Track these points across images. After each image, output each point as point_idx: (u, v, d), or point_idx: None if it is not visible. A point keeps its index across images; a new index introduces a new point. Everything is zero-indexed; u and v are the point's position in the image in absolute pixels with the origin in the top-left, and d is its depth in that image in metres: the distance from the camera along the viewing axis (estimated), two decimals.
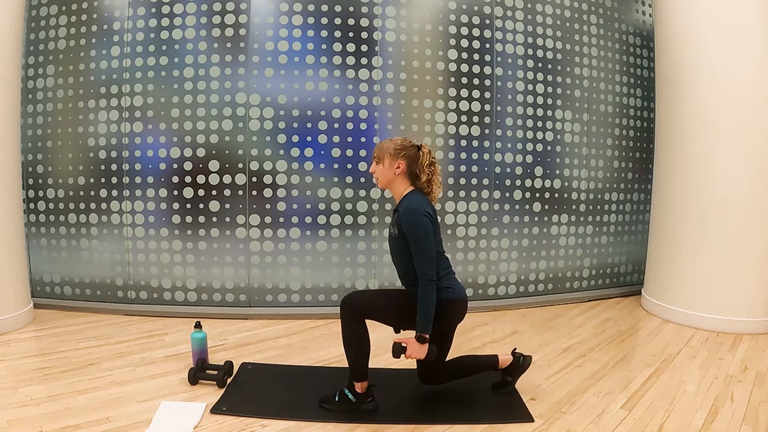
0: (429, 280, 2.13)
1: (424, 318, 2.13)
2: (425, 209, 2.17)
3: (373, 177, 2.34)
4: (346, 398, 2.30)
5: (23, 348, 2.99)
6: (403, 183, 2.27)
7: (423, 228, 2.14)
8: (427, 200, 2.26)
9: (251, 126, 3.57)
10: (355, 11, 3.62)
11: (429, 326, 2.14)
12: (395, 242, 2.26)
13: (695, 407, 2.38)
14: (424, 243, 2.14)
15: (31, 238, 3.74)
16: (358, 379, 2.28)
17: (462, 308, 2.32)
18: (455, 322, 2.36)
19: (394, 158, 2.24)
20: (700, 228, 3.54)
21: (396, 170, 2.25)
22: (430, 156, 2.28)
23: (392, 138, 2.33)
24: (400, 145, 2.26)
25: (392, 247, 2.33)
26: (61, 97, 3.64)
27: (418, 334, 2.14)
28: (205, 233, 3.61)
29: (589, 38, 4.13)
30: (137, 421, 2.17)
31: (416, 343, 2.15)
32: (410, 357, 2.17)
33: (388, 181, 2.28)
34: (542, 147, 4.02)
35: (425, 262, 2.14)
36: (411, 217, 2.15)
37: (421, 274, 2.14)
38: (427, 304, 2.13)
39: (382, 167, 2.27)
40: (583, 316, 3.84)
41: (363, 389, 2.30)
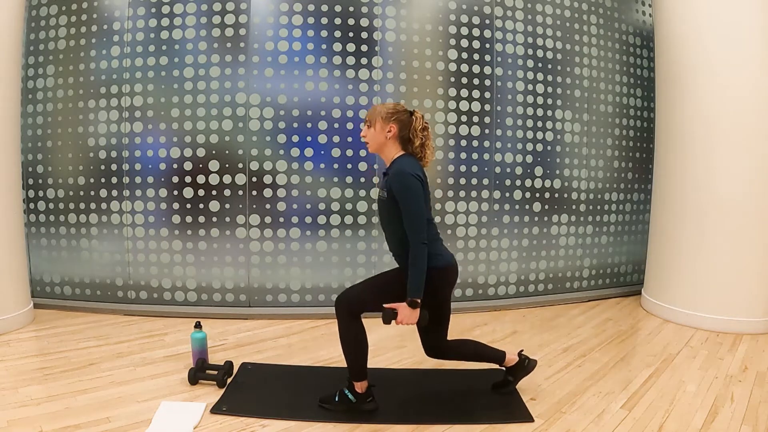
0: (420, 243, 2.09)
1: (415, 282, 2.09)
2: (415, 171, 2.14)
3: (364, 141, 2.29)
4: (346, 398, 2.30)
5: (23, 348, 2.99)
6: (394, 147, 2.24)
7: (413, 189, 2.11)
8: (417, 164, 2.23)
9: (251, 126, 3.57)
10: (355, 11, 3.62)
11: (420, 290, 2.10)
12: (385, 206, 2.22)
13: (695, 407, 2.38)
14: (414, 204, 2.10)
15: (31, 238, 3.74)
16: (358, 378, 2.28)
17: (453, 274, 2.29)
18: (448, 290, 2.32)
19: (385, 122, 2.21)
20: (700, 228, 3.54)
21: (387, 134, 2.21)
22: (423, 121, 2.25)
23: (385, 102, 2.31)
24: (393, 109, 2.23)
25: (381, 212, 2.29)
26: (61, 97, 3.64)
27: (409, 298, 2.10)
28: (205, 233, 3.61)
29: (589, 38, 4.13)
30: (137, 421, 2.17)
31: (407, 308, 2.10)
32: (401, 323, 2.11)
33: (378, 145, 2.25)
34: (542, 147, 4.02)
35: (416, 225, 2.10)
36: (401, 179, 2.12)
37: (412, 237, 2.10)
38: (419, 267, 2.09)
39: (373, 131, 2.23)
40: (583, 316, 3.84)
41: (363, 389, 2.30)
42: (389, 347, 3.12)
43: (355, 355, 2.25)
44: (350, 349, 2.25)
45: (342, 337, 2.25)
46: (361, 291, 2.30)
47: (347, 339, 2.24)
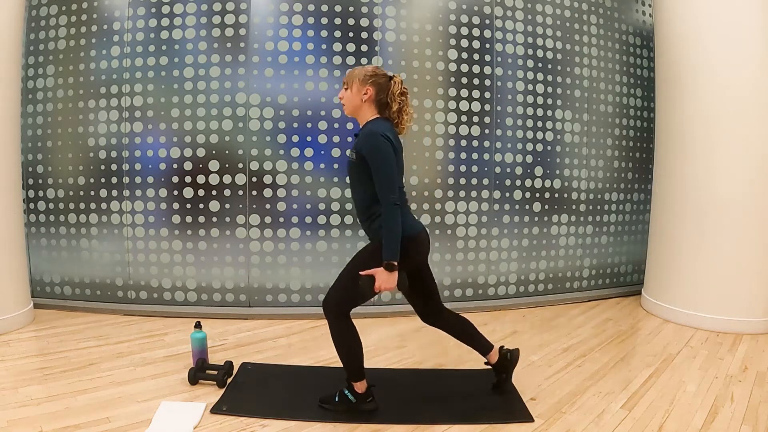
0: (392, 205, 2.05)
1: (390, 244, 2.04)
2: (385, 133, 2.11)
3: (341, 103, 2.27)
4: (346, 398, 2.30)
5: (23, 348, 2.99)
6: (370, 111, 2.21)
7: (383, 150, 2.07)
8: (390, 127, 2.20)
9: (251, 126, 3.57)
10: (355, 11, 3.62)
11: (396, 252, 2.04)
12: (354, 168, 2.18)
13: (695, 407, 2.38)
14: (384, 165, 2.07)
15: (31, 238, 3.74)
16: (356, 378, 2.28)
17: (425, 240, 2.25)
18: (423, 256, 2.28)
19: (362, 84, 2.18)
20: (700, 228, 3.54)
21: (363, 96, 2.18)
22: (402, 86, 2.21)
23: (364, 65, 2.28)
24: (371, 72, 2.20)
25: (351, 175, 2.24)
26: (61, 97, 3.64)
27: (385, 261, 2.05)
28: (205, 233, 3.61)
29: (589, 38, 4.13)
30: (137, 421, 2.17)
31: (384, 272, 2.05)
32: (380, 289, 2.06)
33: (354, 108, 2.22)
34: (542, 147, 4.02)
35: (386, 186, 2.06)
36: (370, 139, 2.09)
37: (383, 198, 2.06)
38: (392, 229, 2.05)
39: (349, 92, 2.20)
40: (583, 316, 3.84)
41: (362, 389, 2.29)
42: (389, 347, 3.12)
43: (349, 355, 2.24)
44: (344, 351, 2.24)
45: (335, 340, 2.24)
46: (344, 287, 2.23)
47: (340, 341, 2.23)
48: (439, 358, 2.96)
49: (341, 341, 2.23)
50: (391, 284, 2.07)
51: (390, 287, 2.08)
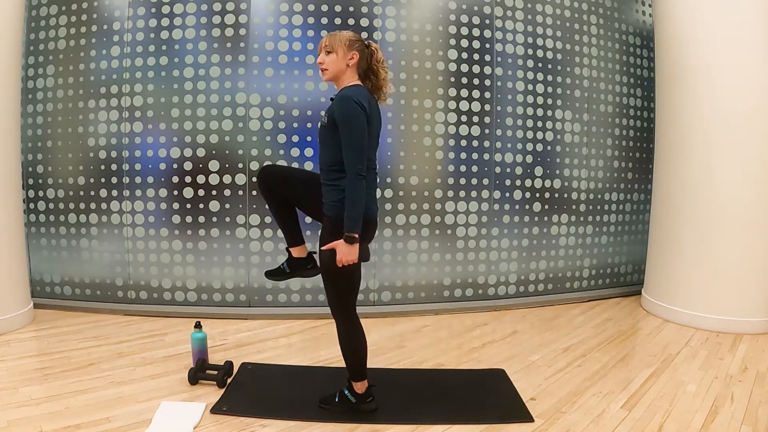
0: (357, 175, 1.98)
1: (352, 215, 1.97)
2: (360, 100, 2.03)
3: (320, 69, 2.16)
4: (346, 399, 2.30)
5: (23, 348, 2.99)
6: (352, 76, 2.15)
7: (355, 117, 2.00)
8: (368, 95, 2.13)
9: (251, 126, 3.57)
10: (355, 11, 3.62)
11: (358, 224, 1.98)
12: (324, 132, 2.11)
13: (695, 407, 2.38)
14: (354, 132, 2.00)
15: (31, 238, 3.74)
16: (357, 378, 2.27)
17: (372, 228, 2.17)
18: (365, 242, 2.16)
19: (349, 48, 2.12)
20: (700, 228, 3.54)
21: (349, 61, 2.12)
22: (380, 53, 2.19)
23: (341, 30, 2.21)
24: (355, 37, 2.15)
25: (322, 140, 2.16)
26: (61, 97, 3.64)
27: (346, 233, 1.98)
28: (205, 233, 3.61)
29: (589, 38, 4.12)
30: (137, 421, 2.17)
31: (345, 244, 1.98)
32: (342, 262, 1.99)
33: (338, 72, 2.13)
34: (542, 147, 4.02)
35: (354, 155, 1.99)
36: (344, 105, 2.02)
37: (350, 167, 1.99)
38: (355, 199, 1.97)
39: (334, 57, 2.11)
40: (583, 316, 3.84)
41: (363, 389, 2.29)
42: (389, 347, 3.12)
43: (353, 355, 2.24)
44: (348, 351, 2.24)
45: (341, 338, 2.24)
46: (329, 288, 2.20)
47: (345, 342, 2.23)
48: (439, 358, 2.96)
49: (346, 342, 2.23)
50: (353, 257, 2.00)
51: (351, 260, 2.01)
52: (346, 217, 1.99)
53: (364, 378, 2.29)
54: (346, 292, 2.20)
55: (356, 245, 2.00)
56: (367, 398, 2.31)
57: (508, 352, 3.07)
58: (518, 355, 3.02)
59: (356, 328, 2.23)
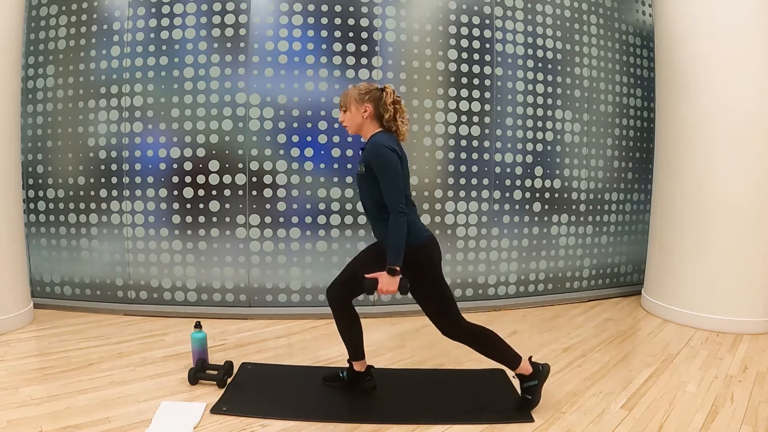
0: (399, 212, 2.12)
1: (394, 249, 2.11)
2: (390, 145, 2.18)
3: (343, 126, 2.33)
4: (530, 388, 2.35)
5: (23, 348, 2.99)
6: (372, 126, 2.28)
7: (389, 160, 2.14)
8: (394, 138, 2.27)
9: (251, 126, 3.57)
10: (355, 11, 3.62)
11: (399, 258, 2.11)
12: (363, 180, 2.25)
13: (695, 407, 2.38)
14: (391, 174, 2.13)
15: (31, 238, 3.74)
16: (517, 364, 2.34)
17: (434, 248, 2.27)
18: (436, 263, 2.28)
19: (360, 102, 2.25)
20: (700, 228, 3.54)
21: (364, 114, 2.25)
22: (394, 95, 2.27)
23: (356, 84, 2.34)
24: (365, 90, 2.27)
25: (360, 187, 2.31)
26: (61, 97, 3.64)
27: (388, 266, 2.11)
28: (205, 233, 3.61)
29: (589, 38, 4.13)
30: (137, 421, 2.17)
31: (386, 276, 2.11)
32: (382, 291, 2.12)
33: (357, 126, 2.29)
34: (542, 147, 4.02)
35: (393, 194, 2.13)
36: (376, 151, 2.16)
37: (391, 206, 2.12)
38: (397, 235, 2.11)
39: (349, 114, 2.27)
40: (583, 316, 3.84)
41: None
42: (389, 347, 3.12)
43: (499, 351, 2.34)
44: (493, 351, 2.34)
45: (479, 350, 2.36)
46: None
47: (482, 347, 2.34)
48: (439, 358, 2.96)
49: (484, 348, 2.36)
50: (392, 288, 2.12)
51: (391, 290, 2.13)
52: (389, 252, 2.13)
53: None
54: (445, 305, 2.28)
55: (397, 277, 2.12)
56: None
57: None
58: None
59: (477, 330, 2.32)
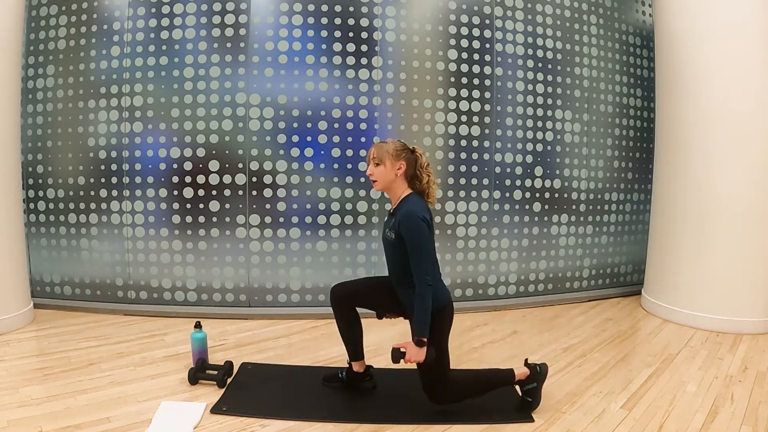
0: (426, 285, 2.12)
1: (422, 321, 2.11)
2: (424, 215, 2.16)
3: (371, 179, 2.28)
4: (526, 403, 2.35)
5: (23, 348, 2.99)
6: (402, 185, 2.27)
7: (422, 233, 2.13)
8: (425, 205, 2.26)
9: (251, 126, 3.57)
10: (355, 11, 3.62)
11: (426, 329, 2.12)
12: (392, 246, 2.25)
13: (695, 407, 2.38)
14: (422, 248, 2.13)
15: (31, 238, 3.74)
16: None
17: (450, 313, 2.32)
18: (447, 328, 2.32)
19: (396, 159, 2.23)
20: (700, 228, 3.54)
21: (398, 171, 2.23)
22: (424, 157, 2.29)
23: (386, 140, 2.31)
24: (401, 146, 2.26)
25: (388, 251, 2.31)
26: (61, 97, 3.64)
27: (416, 337, 2.12)
28: (205, 233, 3.61)
29: (589, 38, 4.12)
30: (137, 421, 2.17)
31: (414, 346, 2.13)
32: (409, 361, 2.15)
33: (388, 183, 2.26)
34: (542, 147, 4.02)
35: (423, 267, 2.12)
36: (410, 223, 2.13)
37: (419, 279, 2.12)
38: (425, 307, 2.11)
39: (383, 168, 2.23)
40: (583, 316, 3.84)
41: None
42: (389, 347, 3.11)
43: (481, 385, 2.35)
44: (477, 390, 2.34)
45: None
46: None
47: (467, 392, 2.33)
48: None
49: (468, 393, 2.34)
50: (420, 357, 2.14)
51: (419, 359, 2.14)
52: (415, 323, 2.13)
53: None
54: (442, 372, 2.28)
55: (425, 348, 2.13)
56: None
57: (508, 352, 3.07)
58: (518, 355, 3.02)
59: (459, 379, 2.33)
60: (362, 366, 2.55)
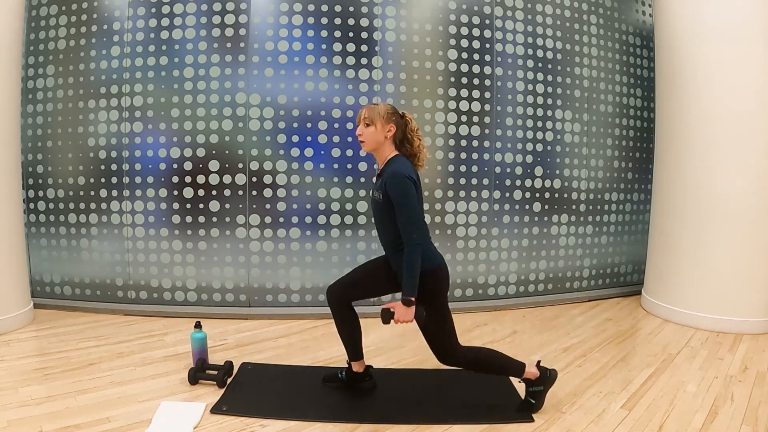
0: (415, 244, 2.11)
1: (410, 280, 2.11)
2: (410, 174, 2.17)
3: (360, 140, 2.28)
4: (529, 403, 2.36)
5: (23, 348, 2.99)
6: (390, 147, 2.27)
7: (409, 192, 2.13)
8: (411, 165, 2.26)
9: (251, 126, 3.57)
10: (355, 11, 3.62)
11: (414, 288, 2.11)
12: (380, 207, 2.25)
13: (695, 407, 2.38)
14: (409, 206, 2.13)
15: (31, 238, 3.74)
16: (520, 372, 2.35)
17: (445, 274, 2.28)
18: (444, 290, 2.30)
19: (386, 121, 2.23)
20: (700, 228, 3.54)
21: (387, 133, 2.24)
22: (414, 122, 2.31)
23: (378, 102, 2.34)
24: (392, 110, 2.27)
25: (376, 213, 2.32)
26: (61, 97, 3.64)
27: (404, 297, 2.12)
28: (205, 233, 3.61)
29: (589, 38, 4.12)
30: (137, 421, 2.17)
31: (402, 306, 2.12)
32: (399, 321, 2.14)
33: (377, 144, 2.26)
34: (542, 147, 4.02)
35: (411, 226, 2.12)
36: (396, 182, 2.13)
37: (407, 238, 2.12)
38: (413, 266, 2.11)
39: (372, 129, 2.23)
40: (583, 316, 3.84)
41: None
42: (389, 347, 3.12)
43: (495, 364, 2.35)
44: (489, 366, 2.35)
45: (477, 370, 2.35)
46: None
47: (479, 366, 2.34)
48: None
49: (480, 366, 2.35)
50: (409, 317, 2.13)
51: (407, 320, 2.13)
52: (403, 283, 2.12)
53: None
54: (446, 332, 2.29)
55: (413, 307, 2.12)
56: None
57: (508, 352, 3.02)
58: (518, 355, 2.99)
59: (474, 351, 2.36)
60: (362, 366, 2.55)
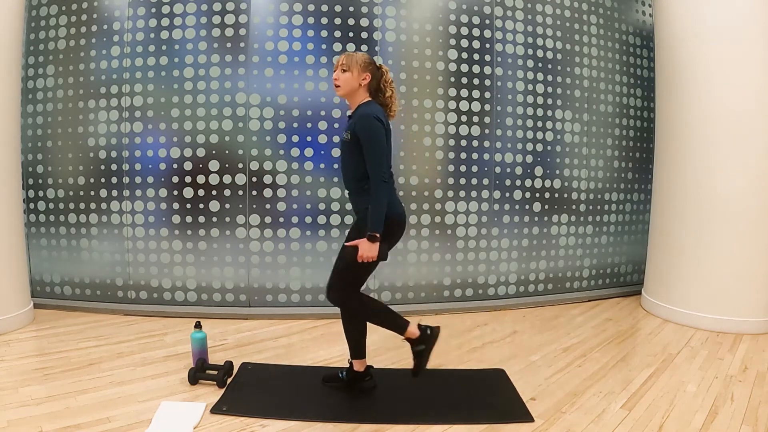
0: (381, 181, 2.18)
1: (376, 216, 2.16)
2: (378, 116, 2.23)
3: (335, 84, 2.33)
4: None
5: (23, 348, 2.99)
6: (363, 94, 2.34)
7: (376, 131, 2.20)
8: (382, 110, 2.33)
9: (251, 126, 3.57)
10: (355, 11, 3.62)
11: (381, 225, 2.16)
12: (347, 146, 2.30)
13: (695, 407, 2.38)
14: (377, 145, 2.20)
15: (31, 238, 3.74)
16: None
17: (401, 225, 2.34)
18: (392, 242, 2.34)
19: (363, 70, 2.30)
20: (700, 228, 3.54)
21: (362, 81, 2.31)
22: (389, 74, 2.38)
23: (357, 52, 2.39)
24: (369, 60, 2.34)
25: (343, 152, 2.36)
26: (61, 97, 3.64)
27: (369, 233, 2.16)
28: (205, 233, 3.61)
29: (589, 38, 4.12)
30: (137, 421, 2.17)
31: (366, 242, 2.17)
32: (362, 258, 2.17)
33: (351, 90, 2.32)
34: (542, 147, 4.02)
35: (377, 164, 2.19)
36: (365, 121, 2.21)
37: (373, 174, 2.18)
38: (379, 203, 2.17)
39: (349, 75, 2.30)
40: (583, 316, 3.84)
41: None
42: (389, 347, 3.12)
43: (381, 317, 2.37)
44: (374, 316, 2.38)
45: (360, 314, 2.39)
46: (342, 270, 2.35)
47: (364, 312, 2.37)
48: (439, 358, 2.96)
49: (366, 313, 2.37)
50: (373, 253, 2.18)
51: (371, 256, 2.18)
52: (369, 219, 2.18)
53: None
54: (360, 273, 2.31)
55: (377, 243, 2.17)
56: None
57: (508, 352, 3.07)
58: (518, 355, 3.02)
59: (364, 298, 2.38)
60: (363, 365, 2.55)
